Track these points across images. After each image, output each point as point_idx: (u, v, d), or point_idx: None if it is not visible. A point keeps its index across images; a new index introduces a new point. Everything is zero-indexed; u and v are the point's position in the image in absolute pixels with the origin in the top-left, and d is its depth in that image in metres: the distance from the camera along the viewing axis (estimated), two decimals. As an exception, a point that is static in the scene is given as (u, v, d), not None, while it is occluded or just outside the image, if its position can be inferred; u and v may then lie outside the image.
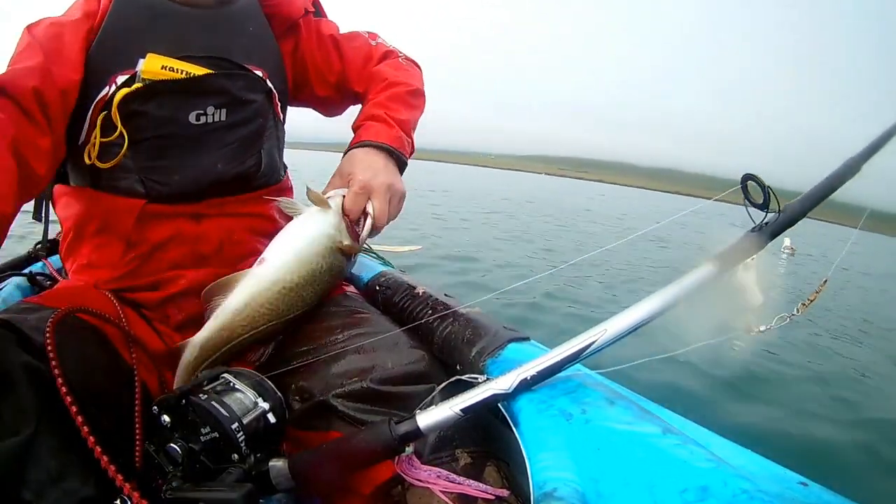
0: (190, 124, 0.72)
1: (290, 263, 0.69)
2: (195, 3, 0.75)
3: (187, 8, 0.74)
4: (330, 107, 0.96)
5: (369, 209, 0.72)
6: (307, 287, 0.69)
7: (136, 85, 0.69)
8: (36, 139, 0.61)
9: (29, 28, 0.69)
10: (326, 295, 0.75)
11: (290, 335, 0.73)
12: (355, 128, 0.83)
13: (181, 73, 0.71)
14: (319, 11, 0.91)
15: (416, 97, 0.88)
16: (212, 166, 0.74)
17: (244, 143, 0.77)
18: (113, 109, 0.67)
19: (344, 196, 0.72)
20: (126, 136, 0.68)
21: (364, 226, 0.72)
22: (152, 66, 0.69)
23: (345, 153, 0.79)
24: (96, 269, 0.75)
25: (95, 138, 0.68)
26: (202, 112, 0.72)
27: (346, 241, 0.71)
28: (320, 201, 0.71)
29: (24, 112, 0.61)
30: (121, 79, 0.69)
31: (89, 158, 0.69)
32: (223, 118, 0.74)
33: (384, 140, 0.78)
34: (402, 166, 0.79)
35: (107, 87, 0.69)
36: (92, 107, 0.69)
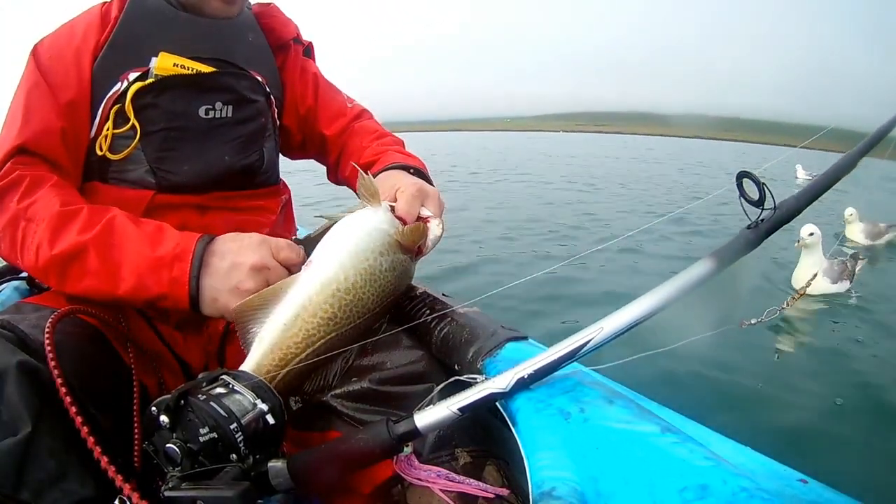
0: (199, 118, 0.75)
1: (343, 260, 0.60)
2: (201, 13, 0.78)
3: (194, 16, 0.77)
4: (289, 143, 0.96)
5: (425, 213, 0.67)
6: (366, 289, 0.60)
7: (150, 80, 0.72)
8: (68, 181, 0.69)
9: (34, 54, 0.72)
10: (393, 301, 0.67)
11: None
12: (370, 162, 0.84)
13: (192, 70, 0.74)
14: (310, 52, 0.95)
15: (405, 147, 0.92)
16: (220, 157, 0.77)
17: (248, 139, 0.80)
18: (126, 102, 0.71)
19: (392, 204, 0.66)
20: (138, 128, 0.71)
21: (430, 229, 0.66)
22: (165, 63, 0.73)
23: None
24: None
25: (108, 130, 0.71)
26: (210, 107, 0.75)
27: (404, 237, 0.63)
28: (372, 194, 0.64)
29: (52, 165, 0.68)
30: (133, 75, 0.72)
31: (100, 150, 0.72)
32: (230, 114, 0.77)
33: (414, 164, 0.80)
34: None
35: (119, 83, 0.72)
36: (103, 102, 0.72)
